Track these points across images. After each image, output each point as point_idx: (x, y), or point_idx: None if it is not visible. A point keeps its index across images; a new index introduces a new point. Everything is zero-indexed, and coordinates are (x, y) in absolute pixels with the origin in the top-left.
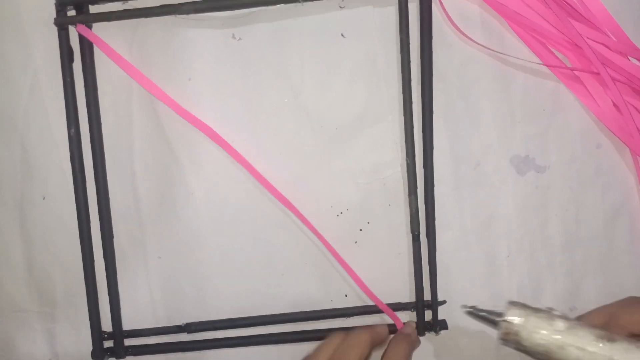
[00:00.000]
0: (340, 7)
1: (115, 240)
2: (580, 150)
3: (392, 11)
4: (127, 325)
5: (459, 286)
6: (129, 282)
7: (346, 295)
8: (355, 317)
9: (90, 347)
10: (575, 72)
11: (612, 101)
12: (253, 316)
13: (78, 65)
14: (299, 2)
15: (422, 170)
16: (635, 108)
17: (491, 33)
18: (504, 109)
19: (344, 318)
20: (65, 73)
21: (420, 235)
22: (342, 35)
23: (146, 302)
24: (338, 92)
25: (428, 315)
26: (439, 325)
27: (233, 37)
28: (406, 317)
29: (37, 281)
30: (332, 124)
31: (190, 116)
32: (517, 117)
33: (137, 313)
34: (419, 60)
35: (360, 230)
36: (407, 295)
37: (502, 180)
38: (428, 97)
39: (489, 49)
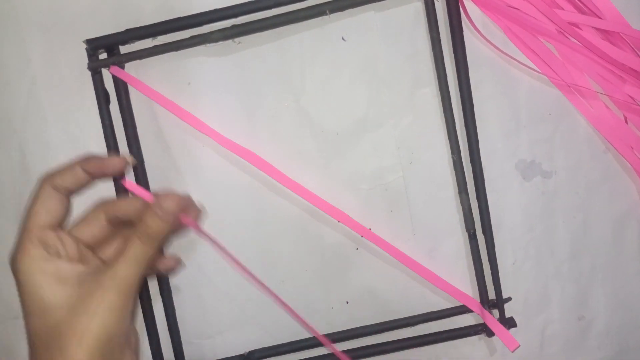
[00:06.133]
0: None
1: None
2: (587, 155)
3: (394, 15)
4: None
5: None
6: None
7: (347, 302)
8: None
9: None
10: (573, 80)
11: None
12: (314, 337)
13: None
14: (326, 14)
15: (417, 175)
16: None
17: (493, 38)
18: (509, 113)
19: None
20: (104, 116)
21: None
22: (342, 39)
23: None
24: (339, 96)
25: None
26: (508, 324)
27: (233, 40)
28: (471, 319)
29: None
30: (333, 128)
31: (250, 154)
32: (523, 121)
33: None
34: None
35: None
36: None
37: (508, 186)
38: (467, 92)
39: (508, 55)
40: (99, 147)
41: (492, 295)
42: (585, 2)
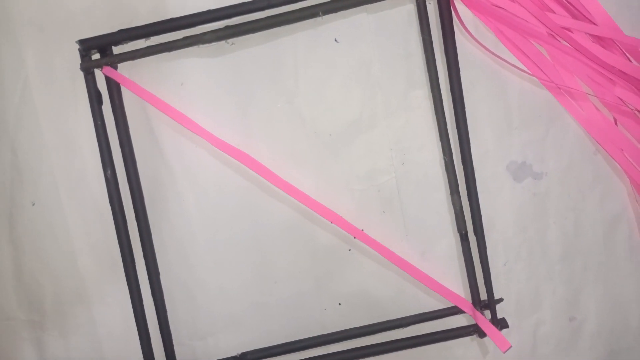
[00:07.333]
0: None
1: (106, 247)
2: (578, 156)
3: (386, 17)
4: (120, 331)
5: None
6: (118, 290)
7: (340, 304)
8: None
9: (80, 356)
10: (564, 82)
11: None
12: (308, 338)
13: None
14: (319, 16)
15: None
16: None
17: (485, 40)
18: (500, 115)
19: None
20: (96, 116)
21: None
22: (335, 40)
23: None
24: (332, 98)
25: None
26: (500, 325)
27: (226, 41)
28: (463, 320)
29: (26, 289)
30: (326, 130)
31: (242, 155)
32: (514, 123)
33: (127, 320)
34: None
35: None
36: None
37: (499, 187)
38: (458, 94)
39: (499, 57)
40: (91, 147)
41: (484, 296)
42: (576, 5)
